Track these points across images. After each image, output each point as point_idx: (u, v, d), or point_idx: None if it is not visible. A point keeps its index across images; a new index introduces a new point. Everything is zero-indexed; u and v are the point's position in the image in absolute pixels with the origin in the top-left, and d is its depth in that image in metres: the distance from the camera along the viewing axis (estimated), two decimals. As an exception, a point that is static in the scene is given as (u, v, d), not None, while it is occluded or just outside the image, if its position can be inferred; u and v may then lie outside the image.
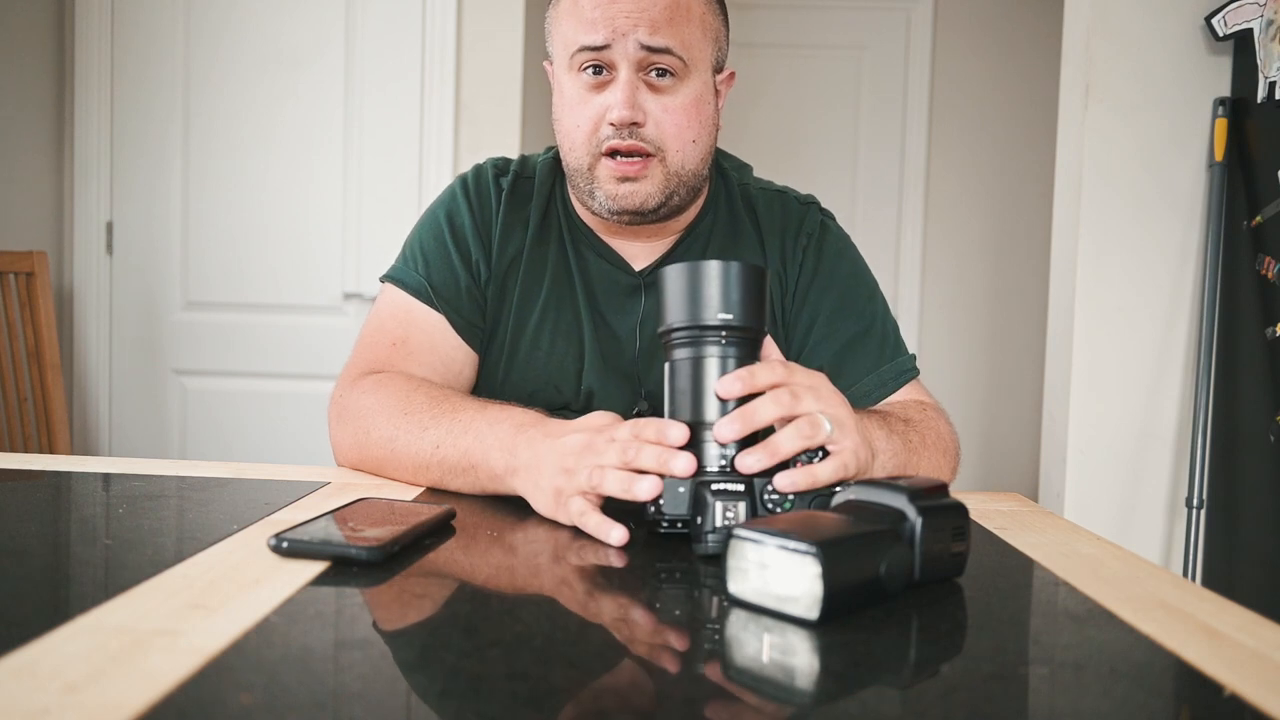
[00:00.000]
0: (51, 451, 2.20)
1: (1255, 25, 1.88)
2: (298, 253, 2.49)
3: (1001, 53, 3.25)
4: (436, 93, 2.45)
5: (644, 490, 0.62)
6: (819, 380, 0.66)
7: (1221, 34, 1.95)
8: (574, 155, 0.91)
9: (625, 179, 0.89)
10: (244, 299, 2.51)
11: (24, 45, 2.38)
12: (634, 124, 0.87)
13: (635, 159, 0.88)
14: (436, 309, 0.95)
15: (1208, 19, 1.96)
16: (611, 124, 0.87)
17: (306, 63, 2.46)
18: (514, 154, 2.41)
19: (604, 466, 0.64)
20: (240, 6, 2.46)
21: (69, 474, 0.83)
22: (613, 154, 0.88)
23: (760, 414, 0.62)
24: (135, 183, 2.51)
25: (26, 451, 2.13)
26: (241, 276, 2.51)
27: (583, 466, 0.66)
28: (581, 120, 0.89)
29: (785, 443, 0.62)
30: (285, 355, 2.51)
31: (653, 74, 0.87)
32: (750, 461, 0.61)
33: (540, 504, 0.70)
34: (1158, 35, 2.02)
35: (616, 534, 0.63)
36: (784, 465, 0.63)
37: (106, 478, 0.82)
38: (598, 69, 0.87)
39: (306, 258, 2.49)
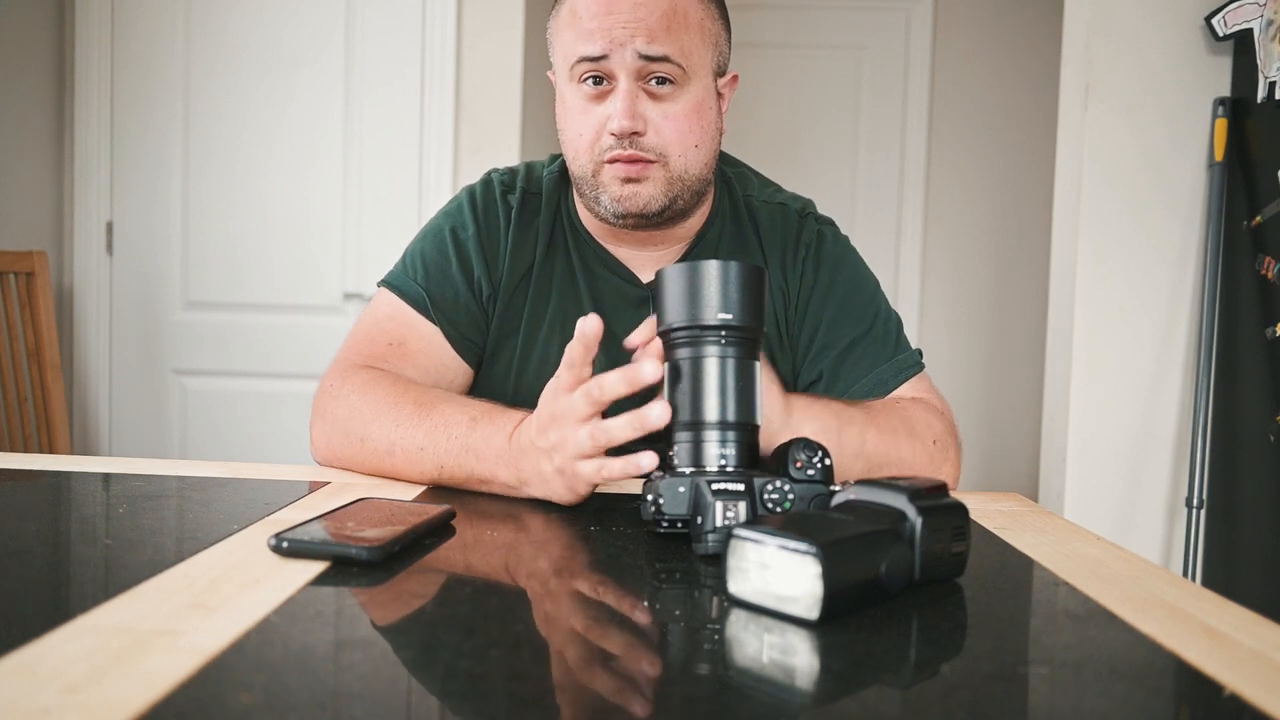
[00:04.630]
0: (51, 451, 2.20)
1: (1255, 25, 1.88)
2: (298, 253, 2.49)
3: (1001, 53, 3.25)
4: (436, 93, 2.45)
5: (657, 416, 0.64)
6: None
7: (1221, 34, 1.95)
8: (577, 164, 0.92)
9: (629, 180, 0.89)
10: (244, 299, 2.51)
11: (24, 45, 2.38)
12: (634, 133, 0.87)
13: (637, 161, 0.88)
14: (433, 320, 0.95)
15: (1208, 19, 1.96)
16: (612, 134, 0.87)
17: (306, 63, 2.46)
18: (514, 156, 2.43)
19: (586, 420, 0.68)
20: (240, 7, 2.46)
21: (69, 474, 0.83)
22: (615, 161, 0.89)
23: None
24: (135, 183, 2.51)
25: (26, 451, 2.13)
26: (241, 276, 2.51)
27: (567, 438, 0.69)
28: (584, 129, 0.89)
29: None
30: (285, 355, 2.51)
31: (652, 82, 0.87)
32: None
33: (562, 499, 0.72)
34: (1158, 35, 2.02)
35: (646, 459, 0.65)
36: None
37: (106, 478, 0.82)
38: (597, 79, 0.88)
39: (306, 258, 2.49)
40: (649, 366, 0.64)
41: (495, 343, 0.97)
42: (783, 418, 0.75)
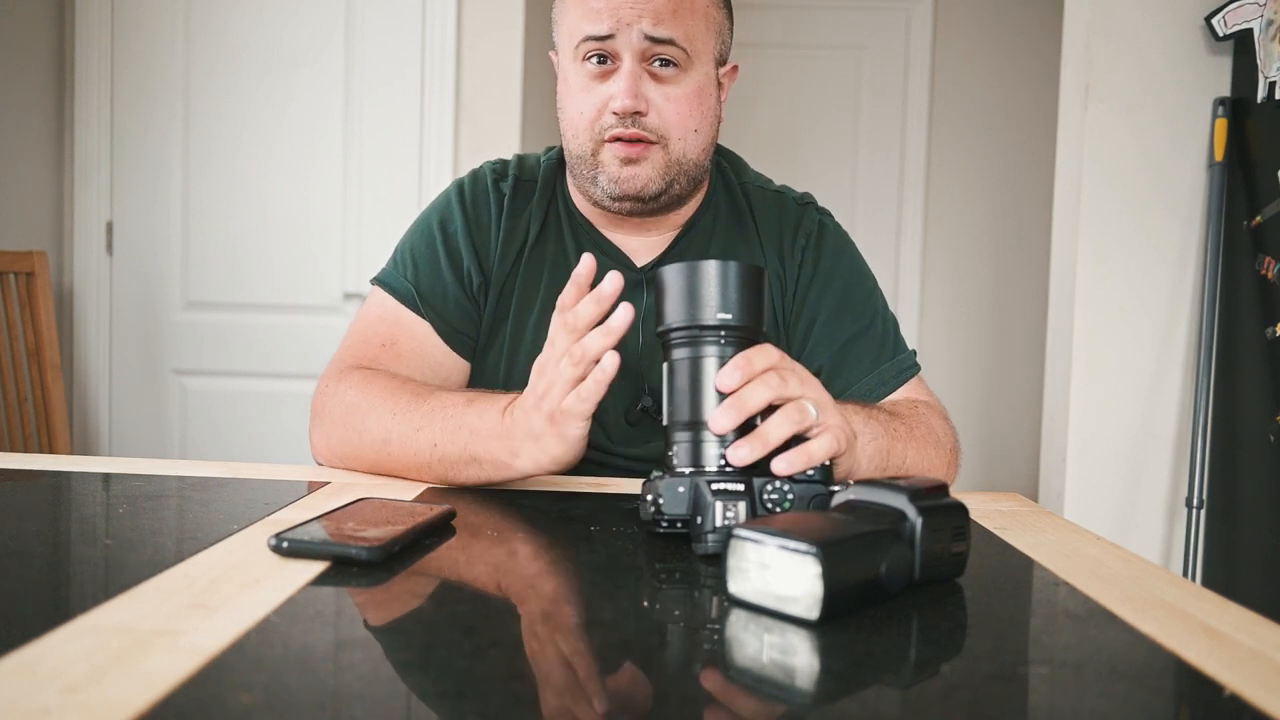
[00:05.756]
0: (51, 451, 2.20)
1: (1255, 25, 1.88)
2: (297, 253, 2.49)
3: (1001, 53, 3.25)
4: (436, 93, 2.45)
5: (620, 321, 0.66)
6: (798, 365, 0.68)
7: (1221, 34, 1.95)
8: (577, 142, 0.92)
9: (629, 161, 0.89)
10: (243, 299, 2.51)
11: (24, 45, 2.38)
12: (636, 113, 0.88)
13: (638, 141, 0.89)
14: (423, 316, 0.95)
15: (1208, 19, 1.96)
16: (615, 113, 0.88)
17: (306, 63, 2.46)
18: (513, 154, 2.43)
19: (565, 362, 0.68)
20: (240, 7, 2.46)
21: (69, 474, 0.83)
22: (615, 140, 0.89)
23: (752, 400, 0.62)
24: (135, 183, 2.51)
25: (26, 451, 2.13)
26: (241, 276, 2.51)
27: (552, 377, 0.69)
28: (585, 107, 0.90)
29: (775, 430, 0.62)
30: (285, 355, 2.51)
31: (656, 64, 0.88)
32: (743, 453, 0.61)
33: (555, 460, 0.72)
34: (1158, 35, 2.02)
35: (609, 361, 0.66)
36: (772, 454, 0.63)
37: (106, 478, 0.82)
38: (602, 58, 0.89)
39: (306, 258, 2.49)
40: (613, 278, 0.66)
41: (489, 330, 0.98)
42: (852, 433, 0.72)
